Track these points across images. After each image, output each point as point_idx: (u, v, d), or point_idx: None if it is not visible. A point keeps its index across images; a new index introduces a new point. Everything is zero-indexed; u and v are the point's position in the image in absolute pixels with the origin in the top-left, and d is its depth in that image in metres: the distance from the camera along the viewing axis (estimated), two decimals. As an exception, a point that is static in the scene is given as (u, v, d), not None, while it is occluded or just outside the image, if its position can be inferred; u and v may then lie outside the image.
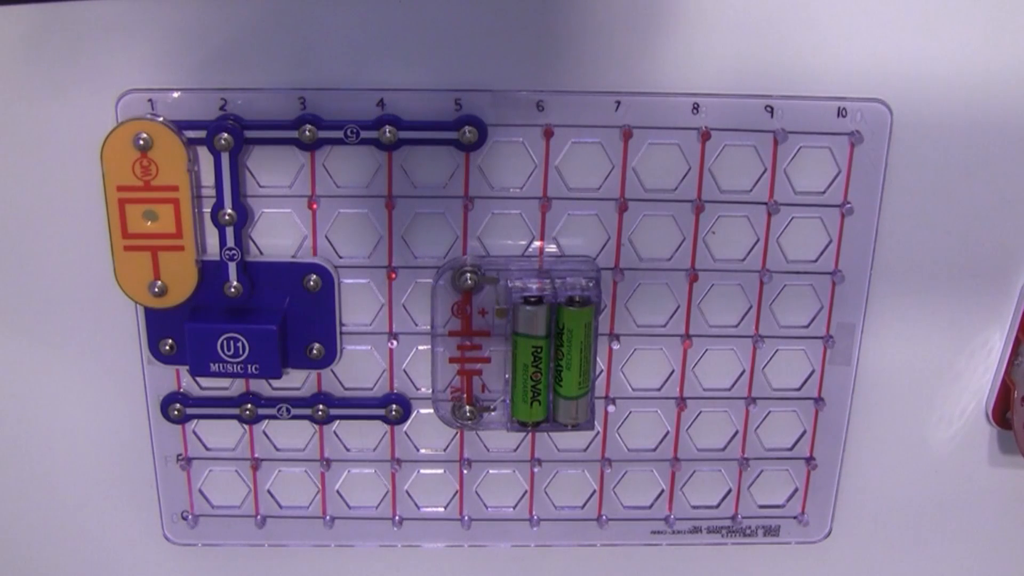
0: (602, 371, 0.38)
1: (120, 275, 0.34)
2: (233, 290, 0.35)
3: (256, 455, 0.39)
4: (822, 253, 0.36)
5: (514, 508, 0.40)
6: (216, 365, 0.35)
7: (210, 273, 0.35)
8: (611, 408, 0.38)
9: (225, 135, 0.33)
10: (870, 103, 0.34)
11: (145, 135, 0.33)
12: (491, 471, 0.39)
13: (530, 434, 0.39)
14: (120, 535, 0.40)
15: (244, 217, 0.34)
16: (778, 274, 0.36)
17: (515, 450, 0.39)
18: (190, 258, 0.34)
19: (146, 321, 0.36)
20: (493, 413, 0.37)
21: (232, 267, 0.35)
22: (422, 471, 0.39)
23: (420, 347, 0.37)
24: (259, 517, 0.40)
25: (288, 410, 0.37)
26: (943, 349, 0.38)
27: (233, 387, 0.37)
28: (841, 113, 0.34)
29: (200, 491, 0.39)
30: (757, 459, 0.39)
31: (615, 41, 0.33)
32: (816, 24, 0.33)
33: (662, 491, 0.40)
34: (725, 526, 0.40)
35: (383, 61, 0.33)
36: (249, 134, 0.34)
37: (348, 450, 0.39)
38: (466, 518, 0.40)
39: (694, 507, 0.40)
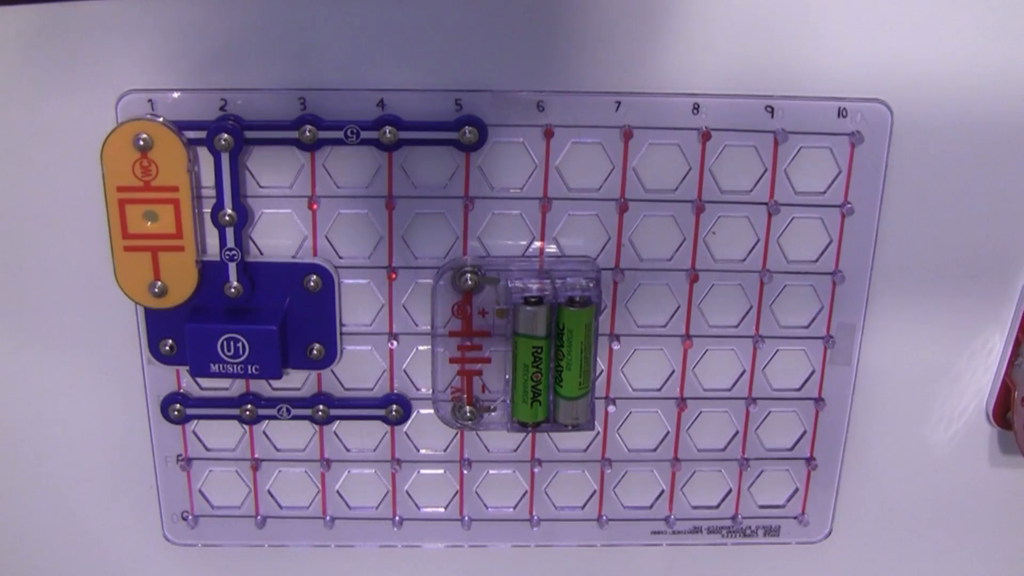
0: (602, 371, 0.38)
1: (120, 275, 0.34)
2: (233, 290, 0.35)
3: (256, 455, 0.39)
4: (822, 253, 0.36)
5: (514, 508, 0.40)
6: (216, 365, 0.35)
7: (210, 273, 0.35)
8: (611, 408, 0.38)
9: (225, 135, 0.33)
10: (870, 103, 0.34)
11: (145, 135, 0.33)
12: (491, 471, 0.39)
13: (530, 434, 0.39)
14: (120, 535, 0.40)
15: (244, 217, 0.34)
16: (778, 274, 0.36)
17: (515, 450, 0.39)
18: (190, 258, 0.34)
19: (146, 321, 0.36)
20: (493, 413, 0.37)
21: (232, 267, 0.35)
22: (422, 471, 0.39)
23: (420, 347, 0.37)
24: (259, 517, 0.40)
25: (288, 410, 0.37)
26: (943, 349, 0.38)
27: (233, 387, 0.37)
28: (841, 113, 0.34)
29: (200, 491, 0.39)
30: (757, 459, 0.39)
31: (615, 41, 0.33)
32: (816, 24, 0.33)
33: (662, 491, 0.40)
34: (725, 526, 0.40)
35: (383, 61, 0.33)
36: (249, 134, 0.34)
37: (348, 450, 0.39)
38: (466, 518, 0.40)
39: (694, 507, 0.40)
